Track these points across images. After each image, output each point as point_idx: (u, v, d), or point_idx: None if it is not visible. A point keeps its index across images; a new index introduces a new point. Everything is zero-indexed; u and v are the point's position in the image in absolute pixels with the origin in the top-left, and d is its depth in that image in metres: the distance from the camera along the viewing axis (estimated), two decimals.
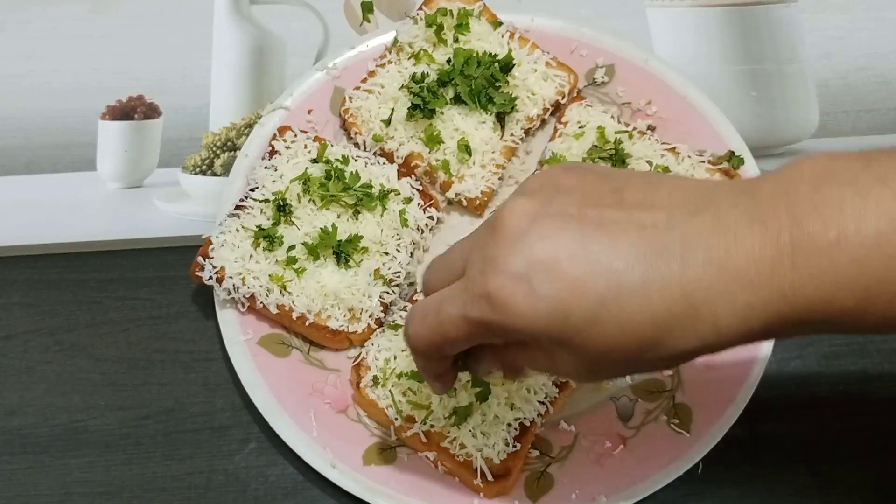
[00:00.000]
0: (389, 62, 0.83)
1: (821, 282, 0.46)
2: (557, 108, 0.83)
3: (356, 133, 0.81)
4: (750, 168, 0.80)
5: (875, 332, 0.48)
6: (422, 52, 0.82)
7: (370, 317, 0.74)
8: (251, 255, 0.74)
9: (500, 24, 0.84)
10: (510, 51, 0.82)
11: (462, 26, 0.82)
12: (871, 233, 0.45)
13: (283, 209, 0.75)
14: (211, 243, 0.74)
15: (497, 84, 0.81)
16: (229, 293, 0.73)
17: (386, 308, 0.75)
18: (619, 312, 0.47)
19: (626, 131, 0.80)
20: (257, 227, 0.75)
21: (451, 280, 0.53)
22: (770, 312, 0.47)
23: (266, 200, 0.76)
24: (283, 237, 0.74)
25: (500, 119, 0.81)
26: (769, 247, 0.46)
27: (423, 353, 0.55)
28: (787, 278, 0.46)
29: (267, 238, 0.74)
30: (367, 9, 0.92)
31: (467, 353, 0.57)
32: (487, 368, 0.58)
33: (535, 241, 0.48)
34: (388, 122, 0.80)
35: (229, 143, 0.86)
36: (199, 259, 0.74)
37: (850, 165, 0.47)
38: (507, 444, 0.68)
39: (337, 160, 0.78)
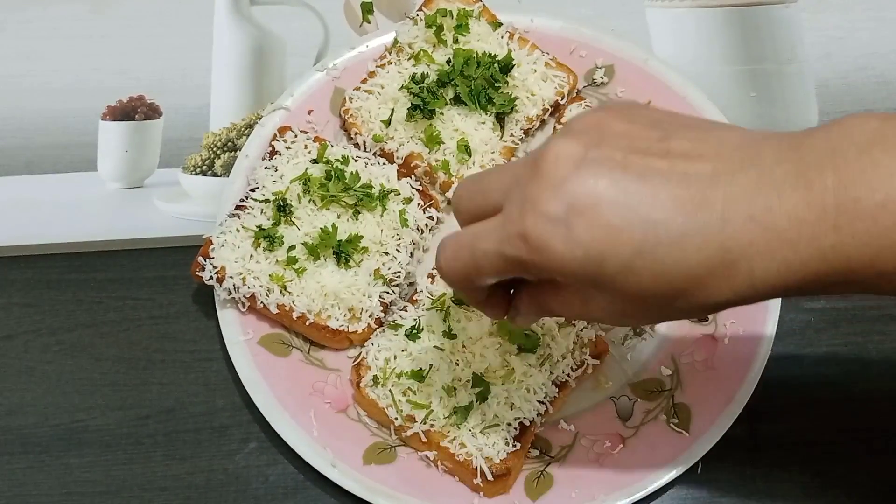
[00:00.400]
0: (389, 63, 0.83)
1: (863, 244, 0.46)
2: (557, 109, 0.84)
3: (356, 133, 0.81)
4: None
5: None
6: (421, 52, 0.82)
7: (370, 317, 0.74)
8: (251, 256, 0.74)
9: (500, 24, 0.84)
10: (510, 51, 0.82)
11: (462, 27, 0.83)
12: None
13: (283, 209, 0.75)
14: (211, 243, 0.74)
15: (497, 85, 0.81)
16: (230, 293, 0.73)
17: (386, 308, 0.75)
18: (654, 262, 0.48)
19: None
20: (258, 227, 0.75)
21: (485, 208, 0.53)
22: (808, 271, 0.47)
23: (266, 200, 0.76)
24: (283, 237, 0.74)
25: (500, 119, 0.81)
26: (813, 207, 0.46)
27: (456, 284, 0.56)
28: (829, 239, 0.46)
29: (267, 238, 0.74)
30: (367, 9, 0.92)
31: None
32: (527, 317, 0.58)
33: (576, 185, 0.48)
34: (387, 123, 0.80)
35: (230, 144, 0.86)
36: (200, 259, 0.74)
37: None
38: (507, 444, 0.68)
39: (337, 160, 0.78)
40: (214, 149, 0.86)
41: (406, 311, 0.74)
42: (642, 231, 0.48)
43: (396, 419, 0.70)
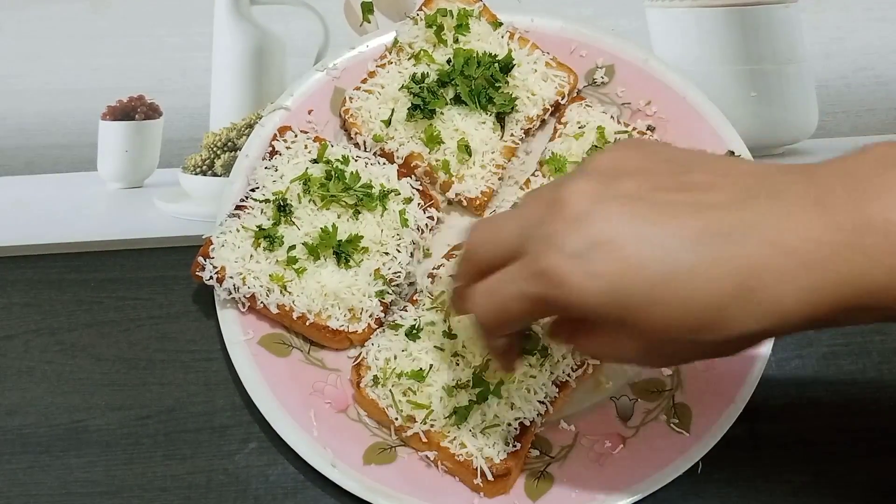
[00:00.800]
0: (389, 62, 0.83)
1: (882, 265, 0.46)
2: (557, 109, 0.84)
3: (356, 133, 0.81)
4: None
5: None
6: (422, 52, 0.82)
7: (370, 317, 0.74)
8: (252, 256, 0.74)
9: (500, 24, 0.84)
10: (510, 51, 0.82)
11: (462, 27, 0.83)
12: None
13: (283, 209, 0.75)
14: (211, 243, 0.74)
15: (497, 84, 0.81)
16: (230, 293, 0.73)
17: (386, 308, 0.75)
18: (675, 293, 0.48)
19: (626, 131, 0.80)
20: (258, 227, 0.75)
21: (500, 252, 0.54)
22: (835, 296, 0.47)
23: (266, 200, 0.76)
24: (283, 237, 0.74)
25: (500, 119, 0.81)
26: (830, 230, 0.46)
27: (491, 332, 0.56)
28: (848, 261, 0.46)
29: (267, 238, 0.74)
30: (367, 9, 0.92)
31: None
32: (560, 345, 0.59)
33: (595, 221, 0.49)
34: (388, 123, 0.80)
35: (230, 144, 0.86)
36: (200, 259, 0.74)
37: None
38: (507, 444, 0.68)
39: (337, 160, 0.78)
40: (214, 149, 0.86)
41: (406, 311, 0.74)
42: (662, 262, 0.48)
43: (396, 419, 0.70)
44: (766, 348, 0.73)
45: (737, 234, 0.47)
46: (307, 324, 0.73)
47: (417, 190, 0.79)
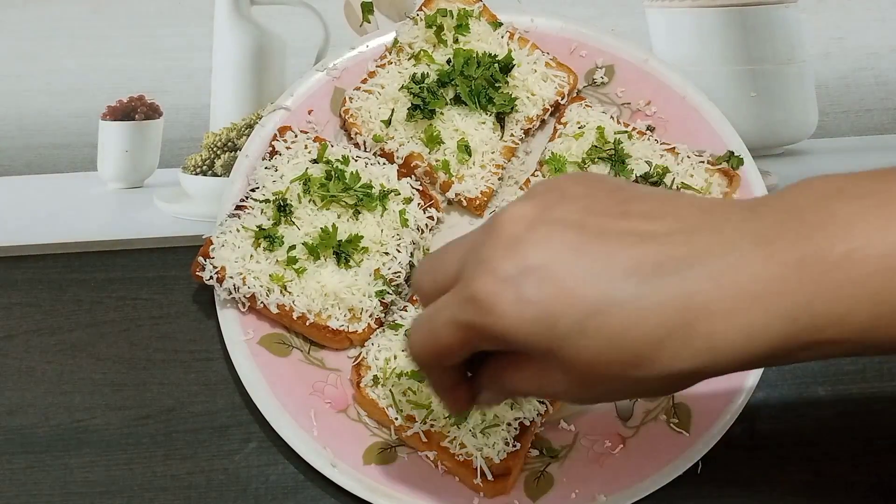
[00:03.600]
0: (389, 63, 0.83)
1: (831, 299, 0.44)
2: (557, 109, 0.84)
3: (356, 133, 0.81)
4: (749, 168, 0.80)
5: (888, 351, 0.46)
6: (422, 52, 0.82)
7: (370, 317, 0.74)
8: (252, 256, 0.74)
9: (500, 24, 0.84)
10: (510, 51, 0.82)
11: (462, 27, 0.83)
12: (884, 247, 0.44)
13: (283, 209, 0.75)
14: (211, 243, 0.74)
15: (497, 84, 0.81)
16: (230, 293, 0.73)
17: (386, 308, 0.75)
18: (607, 324, 0.46)
19: (626, 132, 0.80)
20: (258, 227, 0.75)
21: (443, 281, 0.52)
22: (775, 333, 0.45)
23: (266, 200, 0.76)
24: (283, 237, 0.74)
25: (500, 119, 0.81)
26: (773, 264, 0.45)
27: (424, 363, 0.53)
28: (795, 297, 0.45)
29: (267, 238, 0.74)
30: (368, 9, 0.92)
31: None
32: (489, 396, 0.56)
33: (529, 246, 0.47)
34: (388, 123, 0.80)
35: (230, 144, 0.86)
36: (200, 259, 0.74)
37: (857, 181, 0.46)
38: (507, 444, 0.68)
39: (337, 160, 0.78)
40: (214, 149, 0.86)
41: (406, 311, 0.74)
42: (596, 291, 0.45)
43: (396, 419, 0.70)
44: None
45: (676, 267, 0.45)
46: (307, 324, 0.73)
47: (417, 190, 0.79)
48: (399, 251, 0.76)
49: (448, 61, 0.82)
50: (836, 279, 0.44)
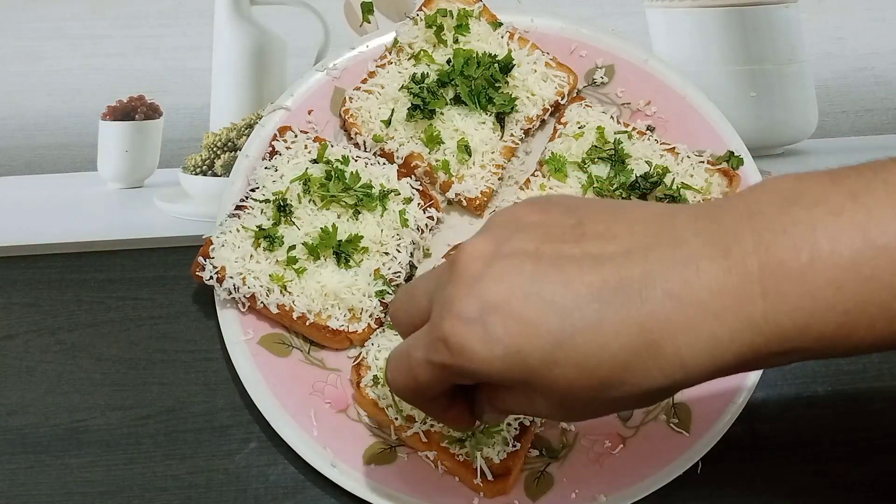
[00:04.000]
0: (389, 63, 0.83)
1: (795, 308, 0.44)
2: (557, 109, 0.84)
3: (356, 133, 0.81)
4: (749, 168, 0.80)
5: (854, 354, 0.46)
6: (422, 52, 0.82)
7: (370, 317, 0.74)
8: (252, 256, 0.74)
9: (500, 24, 0.84)
10: (510, 51, 0.82)
11: (462, 27, 0.83)
12: (848, 253, 0.43)
13: (283, 209, 0.75)
14: (211, 243, 0.74)
15: (497, 84, 0.81)
16: (230, 293, 0.73)
17: (386, 308, 0.75)
18: (575, 352, 0.46)
19: (626, 132, 0.80)
20: (258, 227, 0.75)
21: (415, 315, 0.52)
22: (741, 344, 0.45)
23: (266, 201, 0.76)
24: (283, 237, 0.74)
25: (500, 119, 0.81)
26: (734, 275, 0.44)
27: (406, 399, 0.54)
28: (758, 307, 0.44)
29: (267, 238, 0.74)
30: (368, 9, 0.92)
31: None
32: (491, 417, 0.56)
33: (488, 283, 0.47)
34: (388, 123, 0.80)
35: (230, 144, 0.86)
36: (200, 259, 0.74)
37: (818, 184, 0.46)
38: (507, 444, 0.68)
39: (337, 160, 0.78)
40: (214, 149, 0.86)
41: None
42: (559, 321, 0.46)
43: (396, 419, 0.70)
44: None
45: (636, 287, 0.45)
46: (307, 324, 0.73)
47: (417, 190, 0.79)
48: (399, 251, 0.76)
49: (448, 61, 0.82)
50: (799, 289, 0.44)
